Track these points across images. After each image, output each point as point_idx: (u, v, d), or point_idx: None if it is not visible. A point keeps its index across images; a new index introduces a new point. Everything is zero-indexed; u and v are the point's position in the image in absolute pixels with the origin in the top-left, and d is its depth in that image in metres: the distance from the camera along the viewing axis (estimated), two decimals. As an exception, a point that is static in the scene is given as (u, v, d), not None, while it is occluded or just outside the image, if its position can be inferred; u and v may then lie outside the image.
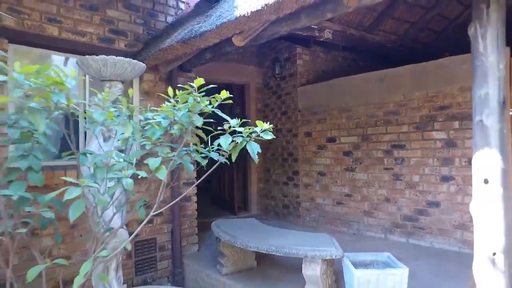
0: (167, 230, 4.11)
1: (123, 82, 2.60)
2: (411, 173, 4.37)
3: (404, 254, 3.72)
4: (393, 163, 4.55)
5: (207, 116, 1.77)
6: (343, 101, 5.09)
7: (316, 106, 5.46)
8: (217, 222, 3.75)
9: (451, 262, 3.60)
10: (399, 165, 4.49)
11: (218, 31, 2.61)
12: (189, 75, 4.34)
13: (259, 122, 1.53)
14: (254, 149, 1.46)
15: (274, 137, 1.55)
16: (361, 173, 4.91)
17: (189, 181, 4.29)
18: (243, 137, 1.50)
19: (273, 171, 6.30)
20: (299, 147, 5.73)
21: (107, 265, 2.48)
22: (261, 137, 1.50)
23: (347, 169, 5.08)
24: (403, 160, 4.45)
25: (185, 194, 2.30)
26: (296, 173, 5.81)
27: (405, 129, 4.43)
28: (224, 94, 1.56)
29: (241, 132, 1.52)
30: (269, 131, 1.50)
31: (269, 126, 1.51)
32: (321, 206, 5.43)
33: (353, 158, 5.00)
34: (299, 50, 5.74)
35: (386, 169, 4.62)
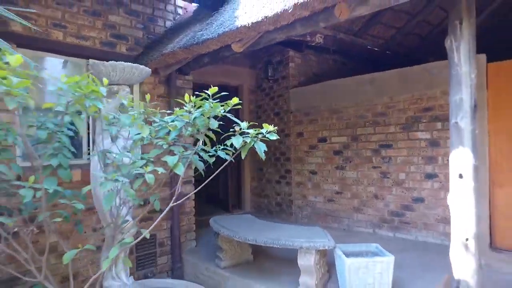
0: (166, 226, 4.28)
1: (129, 86, 2.77)
2: (398, 171, 4.64)
3: (391, 247, 3.94)
4: (381, 162, 4.80)
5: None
6: (333, 103, 5.32)
7: (307, 107, 5.68)
8: (215, 219, 3.93)
9: (434, 253, 3.87)
10: (386, 163, 4.75)
11: (220, 39, 2.81)
12: (186, 77, 4.51)
13: (265, 125, 1.74)
14: (261, 148, 1.67)
15: (279, 137, 1.76)
16: (351, 172, 5.15)
17: (187, 179, 4.46)
18: (250, 137, 1.70)
19: (266, 170, 6.49)
20: (291, 147, 5.95)
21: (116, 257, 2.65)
22: (267, 137, 1.70)
23: (337, 168, 5.32)
24: (390, 158, 4.71)
25: (192, 193, 2.45)
26: (288, 171, 6.03)
27: (392, 129, 4.69)
28: (235, 101, 1.76)
29: (248, 133, 1.72)
30: (274, 133, 1.71)
31: (274, 128, 1.72)
32: (313, 203, 5.66)
33: (343, 157, 5.24)
34: (291, 53, 5.95)
35: (374, 167, 4.88)
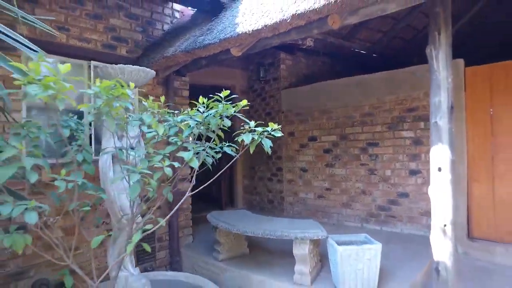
0: (165, 222, 4.43)
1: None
2: (384, 168, 4.92)
3: (378, 239, 4.15)
4: (368, 159, 5.08)
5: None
6: (323, 104, 5.58)
7: (298, 107, 5.92)
8: (212, 214, 4.12)
9: (417, 244, 4.15)
10: (373, 161, 5.02)
11: (221, 44, 3.01)
12: (183, 79, 4.69)
13: (270, 124, 1.94)
14: (267, 144, 1.88)
15: (283, 134, 1.97)
16: (340, 169, 5.42)
17: (184, 177, 4.63)
18: (257, 135, 1.90)
19: (257, 168, 6.70)
20: (282, 145, 6.18)
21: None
22: (272, 135, 1.91)
23: (327, 165, 5.58)
24: (377, 156, 4.99)
25: (197, 190, 2.62)
26: (280, 169, 6.26)
27: (378, 129, 4.97)
28: (244, 102, 1.96)
29: (254, 131, 1.93)
30: (279, 130, 1.92)
31: (278, 126, 1.93)
32: (303, 199, 5.90)
33: (332, 155, 5.50)
34: (282, 56, 6.19)
35: (362, 164, 5.15)
